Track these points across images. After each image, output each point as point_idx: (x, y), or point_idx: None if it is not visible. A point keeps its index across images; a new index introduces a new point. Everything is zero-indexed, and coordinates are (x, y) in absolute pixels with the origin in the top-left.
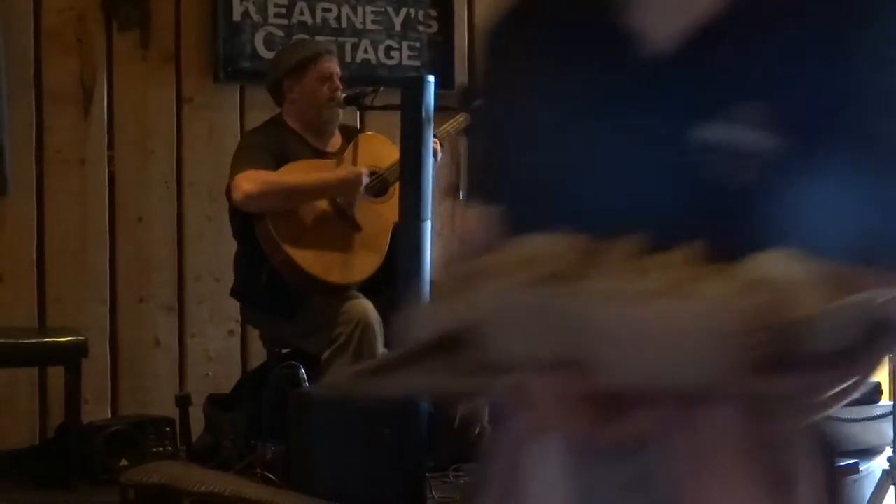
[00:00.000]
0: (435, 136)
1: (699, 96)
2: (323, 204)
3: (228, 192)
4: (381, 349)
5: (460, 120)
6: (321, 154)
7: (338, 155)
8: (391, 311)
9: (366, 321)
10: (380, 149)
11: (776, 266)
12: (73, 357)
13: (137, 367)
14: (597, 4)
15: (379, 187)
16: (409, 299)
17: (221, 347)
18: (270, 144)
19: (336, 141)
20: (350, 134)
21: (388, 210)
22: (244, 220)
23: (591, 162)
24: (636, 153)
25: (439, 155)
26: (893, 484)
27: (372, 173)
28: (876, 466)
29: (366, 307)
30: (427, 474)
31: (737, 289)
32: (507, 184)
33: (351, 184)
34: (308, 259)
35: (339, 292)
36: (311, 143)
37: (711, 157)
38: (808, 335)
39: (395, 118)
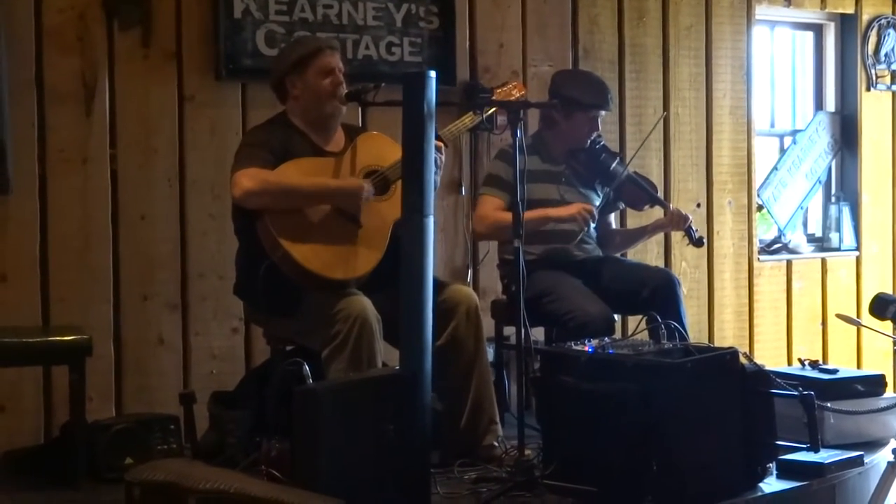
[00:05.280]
0: (440, 136)
1: None
2: None
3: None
4: (379, 346)
5: (467, 120)
6: (323, 153)
7: (340, 154)
8: (392, 307)
9: (363, 318)
10: (381, 148)
11: None
12: (77, 356)
13: (142, 366)
14: None
15: (380, 185)
16: (411, 295)
17: (225, 345)
18: (273, 142)
19: (339, 140)
20: (354, 133)
21: (389, 208)
22: (245, 217)
23: None
24: None
25: (441, 160)
26: None
27: (372, 172)
28: (881, 458)
29: (363, 304)
30: (432, 470)
31: None
32: None
33: (352, 194)
34: (306, 255)
35: (338, 289)
36: (314, 142)
37: None
38: None
39: (396, 114)
